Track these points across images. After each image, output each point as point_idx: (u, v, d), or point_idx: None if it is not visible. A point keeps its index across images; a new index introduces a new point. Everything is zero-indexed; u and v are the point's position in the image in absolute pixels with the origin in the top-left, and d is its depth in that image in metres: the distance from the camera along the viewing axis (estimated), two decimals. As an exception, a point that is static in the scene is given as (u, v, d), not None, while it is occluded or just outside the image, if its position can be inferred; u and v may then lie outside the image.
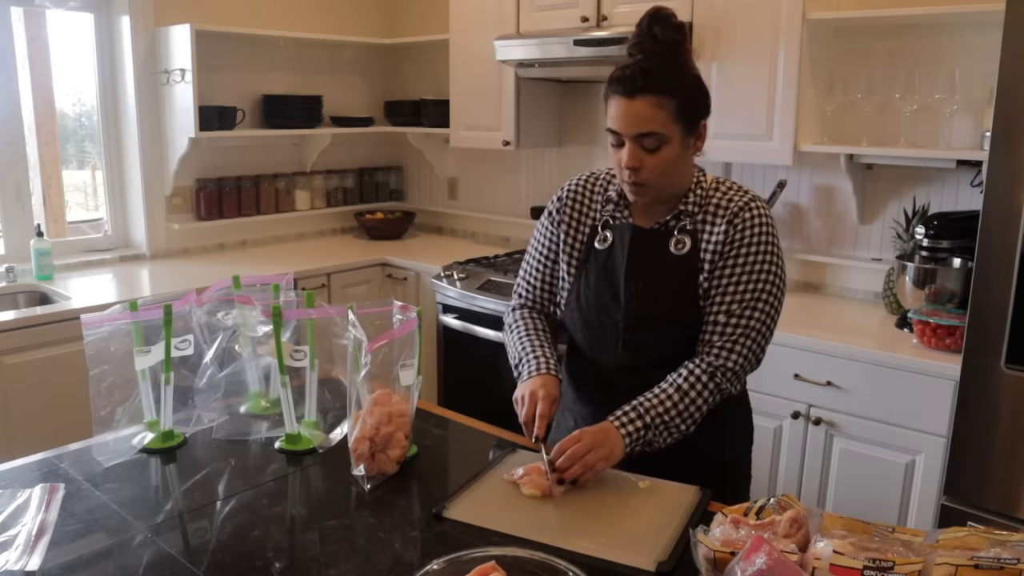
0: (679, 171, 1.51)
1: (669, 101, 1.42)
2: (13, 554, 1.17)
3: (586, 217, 1.64)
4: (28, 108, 3.20)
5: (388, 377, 1.45)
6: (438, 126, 3.75)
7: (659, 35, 1.46)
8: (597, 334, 1.58)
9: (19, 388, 2.53)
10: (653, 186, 1.48)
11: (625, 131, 1.44)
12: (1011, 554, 0.96)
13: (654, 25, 1.46)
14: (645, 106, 1.42)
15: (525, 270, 1.73)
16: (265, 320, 1.58)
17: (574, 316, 1.62)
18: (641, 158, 1.45)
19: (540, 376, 1.53)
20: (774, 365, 2.45)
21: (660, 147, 1.44)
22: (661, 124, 1.42)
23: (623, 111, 1.44)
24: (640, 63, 1.45)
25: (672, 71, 1.44)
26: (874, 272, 2.78)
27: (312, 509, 1.35)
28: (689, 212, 1.54)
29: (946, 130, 2.55)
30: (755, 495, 1.66)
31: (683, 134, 1.46)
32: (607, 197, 1.61)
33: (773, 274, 1.50)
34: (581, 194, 1.66)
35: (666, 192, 1.52)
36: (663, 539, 1.23)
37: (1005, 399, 1.94)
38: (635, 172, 1.46)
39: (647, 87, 1.42)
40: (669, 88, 1.42)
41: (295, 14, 3.80)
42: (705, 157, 2.85)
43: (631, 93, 1.43)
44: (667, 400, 1.44)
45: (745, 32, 2.66)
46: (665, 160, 1.45)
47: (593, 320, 1.58)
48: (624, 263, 1.55)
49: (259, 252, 3.70)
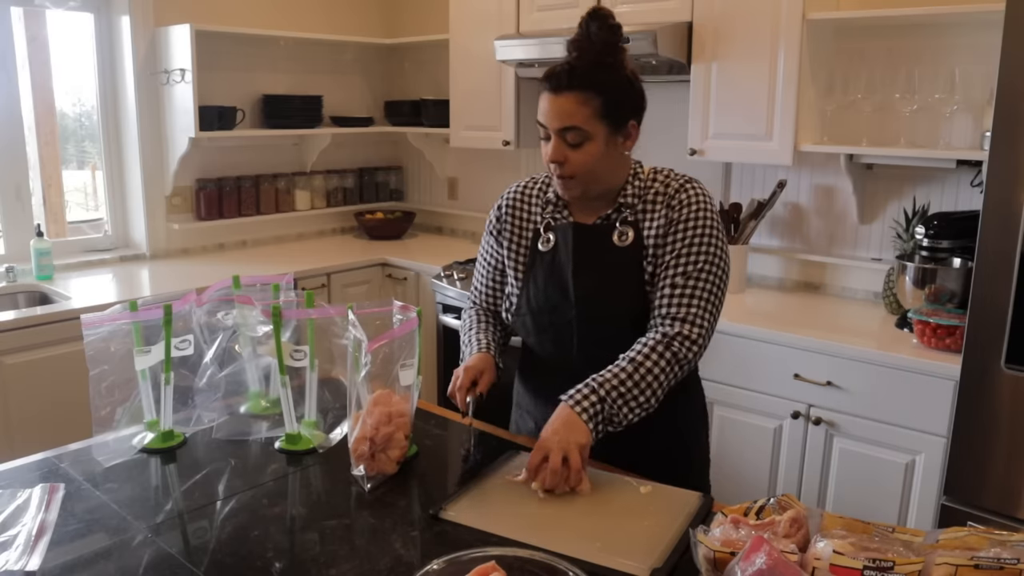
0: (607, 167, 1.53)
1: (594, 99, 1.46)
2: (13, 554, 1.17)
3: (527, 222, 1.68)
4: (28, 108, 3.20)
5: (388, 377, 1.45)
6: (438, 126, 3.75)
7: (594, 35, 1.49)
8: (551, 335, 1.62)
9: (19, 388, 2.53)
10: (579, 180, 1.52)
11: (550, 125, 1.49)
12: (1011, 554, 0.96)
13: (591, 24, 1.50)
14: (569, 102, 1.46)
15: (476, 277, 1.79)
16: (265, 320, 1.58)
17: (526, 320, 1.65)
18: (565, 153, 1.49)
19: (473, 357, 1.61)
20: (774, 365, 2.45)
21: (583, 143, 1.48)
22: (584, 120, 1.46)
23: (549, 106, 1.49)
24: (571, 60, 1.49)
25: (601, 70, 1.48)
26: (874, 272, 2.78)
27: (312, 509, 1.35)
28: (629, 204, 1.57)
29: (946, 130, 2.55)
30: (755, 495, 1.66)
31: (609, 132, 1.49)
32: (546, 199, 1.65)
33: (715, 246, 1.53)
34: (520, 200, 1.70)
35: (595, 187, 1.55)
36: (660, 545, 1.22)
37: (1005, 399, 1.94)
38: (560, 166, 1.51)
39: (572, 84, 1.46)
40: (595, 86, 1.46)
41: (295, 14, 3.80)
42: (705, 157, 2.88)
43: (557, 89, 1.47)
44: (621, 373, 1.44)
45: (745, 32, 2.66)
46: (589, 155, 1.49)
47: (545, 321, 1.61)
48: (570, 261, 1.58)
49: (259, 252, 3.70)
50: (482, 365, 1.60)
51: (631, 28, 2.79)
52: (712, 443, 2.61)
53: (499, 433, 1.67)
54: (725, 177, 3.12)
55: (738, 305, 2.77)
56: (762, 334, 2.47)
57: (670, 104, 3.21)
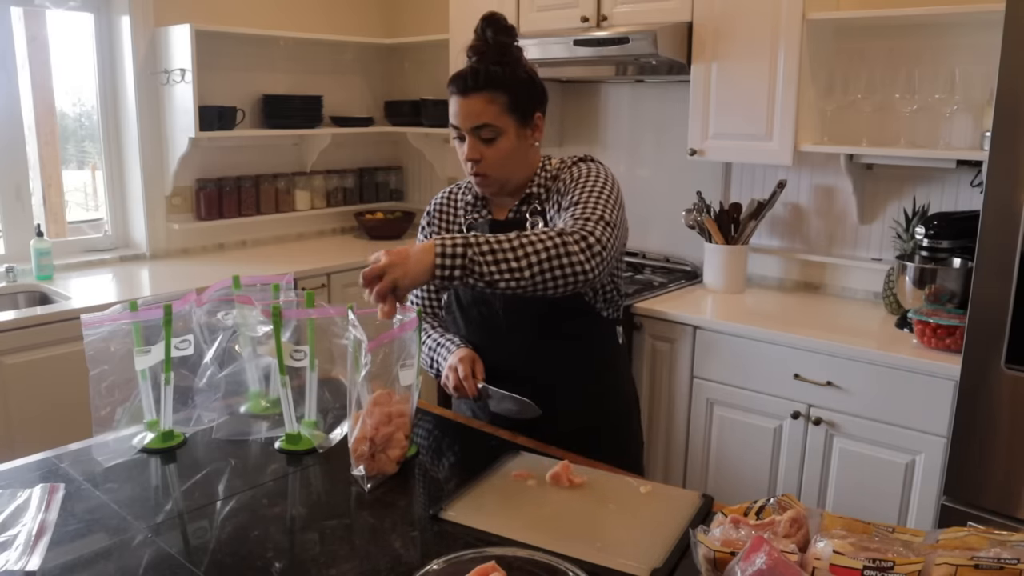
0: (519, 160, 1.65)
1: (500, 96, 1.58)
2: (13, 554, 1.17)
3: (452, 225, 1.80)
4: (28, 108, 3.20)
5: (388, 377, 1.45)
6: (438, 126, 3.75)
7: (491, 38, 1.61)
8: (482, 327, 1.72)
9: (19, 388, 2.53)
10: (495, 175, 1.64)
11: (463, 125, 1.61)
12: (1011, 554, 0.96)
13: (487, 29, 1.61)
14: (478, 102, 1.58)
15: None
16: (265, 320, 1.58)
17: (457, 316, 1.76)
18: (480, 150, 1.61)
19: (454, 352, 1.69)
20: (774, 365, 2.46)
21: (496, 138, 1.60)
22: (494, 117, 1.58)
23: (460, 108, 1.60)
24: (474, 64, 1.61)
25: (503, 69, 1.59)
26: (874, 272, 2.78)
27: (312, 509, 1.35)
28: (536, 195, 1.69)
29: (946, 130, 2.55)
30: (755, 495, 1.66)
31: (518, 125, 1.62)
32: (466, 202, 1.78)
33: (602, 177, 1.60)
34: (445, 206, 1.82)
35: (510, 181, 1.67)
36: (660, 545, 1.22)
37: (1005, 399, 1.94)
38: (476, 163, 1.62)
39: (478, 85, 1.58)
40: (499, 85, 1.58)
41: (295, 14, 3.80)
42: (705, 157, 2.88)
43: (465, 91, 1.59)
44: (502, 236, 1.41)
45: (745, 32, 2.66)
46: (502, 150, 1.61)
47: (475, 315, 1.72)
48: None
49: (259, 252, 3.70)
50: (472, 355, 1.68)
51: (631, 28, 2.79)
52: (712, 443, 2.64)
53: (499, 433, 1.67)
54: (725, 177, 3.12)
55: (738, 305, 2.77)
56: (762, 334, 2.47)
57: (670, 104, 3.21)
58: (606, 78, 3.28)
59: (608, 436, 1.76)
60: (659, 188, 3.32)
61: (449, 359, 1.70)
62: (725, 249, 2.91)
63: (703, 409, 2.64)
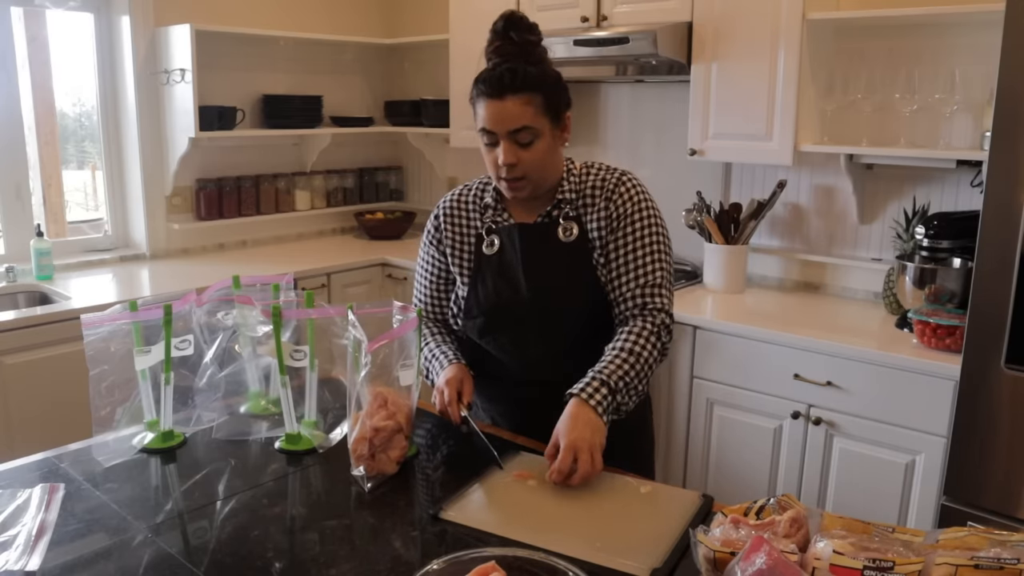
0: (552, 162, 1.60)
1: (536, 97, 1.52)
2: (13, 554, 1.17)
3: (467, 228, 1.72)
4: (28, 108, 3.20)
5: (388, 377, 1.45)
6: (438, 126, 3.75)
7: (515, 37, 1.56)
8: (506, 336, 1.66)
9: (19, 388, 2.53)
10: (531, 179, 1.58)
11: (498, 129, 1.53)
12: (1011, 554, 0.96)
13: (510, 29, 1.56)
14: (515, 104, 1.51)
15: (419, 289, 1.83)
16: (265, 320, 1.58)
17: (479, 322, 1.67)
18: (517, 154, 1.54)
19: (446, 369, 1.64)
20: (774, 365, 2.45)
21: (533, 141, 1.54)
22: (532, 118, 1.52)
23: (494, 111, 1.52)
24: (502, 64, 1.54)
25: (534, 69, 1.54)
26: (874, 272, 2.78)
27: (312, 509, 1.35)
28: (568, 199, 1.64)
29: (946, 130, 2.55)
30: (755, 495, 1.66)
31: (552, 126, 1.57)
32: (484, 204, 1.70)
33: (658, 232, 1.63)
34: (457, 208, 1.74)
35: (543, 184, 1.61)
36: (660, 545, 1.22)
37: (1005, 399, 1.94)
38: (512, 168, 1.55)
39: (514, 86, 1.51)
40: (534, 85, 1.53)
41: (295, 14, 3.80)
42: (705, 157, 2.88)
43: (500, 94, 1.51)
44: (624, 364, 1.50)
45: (745, 32, 2.66)
46: (539, 152, 1.55)
47: (499, 320, 1.65)
48: (520, 260, 1.62)
49: (259, 252, 3.70)
50: (460, 375, 1.63)
51: (631, 28, 2.79)
52: (712, 443, 2.64)
53: (500, 433, 1.67)
54: (725, 177, 3.12)
55: (738, 305, 2.77)
56: (762, 334, 2.47)
57: (670, 104, 3.21)
58: (606, 78, 3.28)
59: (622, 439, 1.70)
60: (659, 188, 3.29)
61: (439, 378, 1.65)
62: (725, 249, 2.91)
63: (703, 409, 2.64)
